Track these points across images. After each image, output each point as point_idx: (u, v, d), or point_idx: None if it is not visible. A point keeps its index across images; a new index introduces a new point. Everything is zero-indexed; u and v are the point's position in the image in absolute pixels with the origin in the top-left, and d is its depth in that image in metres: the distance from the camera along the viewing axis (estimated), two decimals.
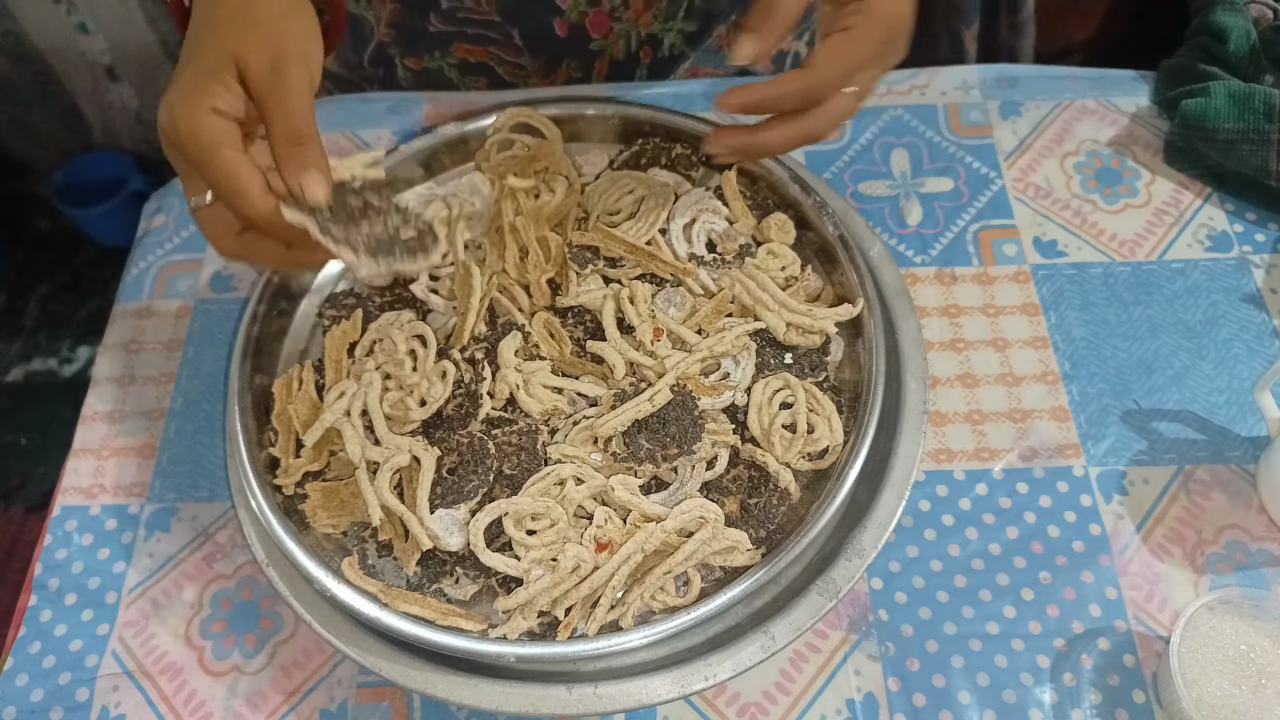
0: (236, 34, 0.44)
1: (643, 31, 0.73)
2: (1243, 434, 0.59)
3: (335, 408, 0.53)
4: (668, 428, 0.51)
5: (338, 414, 0.53)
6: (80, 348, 1.70)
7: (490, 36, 0.72)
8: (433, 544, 0.49)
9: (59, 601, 0.57)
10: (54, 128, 1.70)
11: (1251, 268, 0.65)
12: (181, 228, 0.72)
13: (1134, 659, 0.53)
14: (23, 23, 1.50)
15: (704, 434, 0.51)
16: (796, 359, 0.56)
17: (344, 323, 0.58)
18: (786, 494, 0.52)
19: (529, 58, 0.72)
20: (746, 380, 0.55)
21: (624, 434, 0.51)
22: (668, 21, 0.73)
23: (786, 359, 0.56)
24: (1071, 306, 0.65)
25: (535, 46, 0.72)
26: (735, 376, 0.55)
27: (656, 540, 0.49)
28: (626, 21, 0.72)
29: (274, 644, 0.55)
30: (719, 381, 0.54)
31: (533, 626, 0.48)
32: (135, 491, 0.61)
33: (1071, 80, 0.75)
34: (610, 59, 0.74)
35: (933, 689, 0.52)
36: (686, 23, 0.74)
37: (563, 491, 0.51)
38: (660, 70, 0.78)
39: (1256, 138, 0.64)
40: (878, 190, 0.70)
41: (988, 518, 0.57)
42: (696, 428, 0.51)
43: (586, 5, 0.69)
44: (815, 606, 0.49)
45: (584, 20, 0.71)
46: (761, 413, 0.53)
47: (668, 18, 0.73)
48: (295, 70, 0.43)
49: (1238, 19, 0.69)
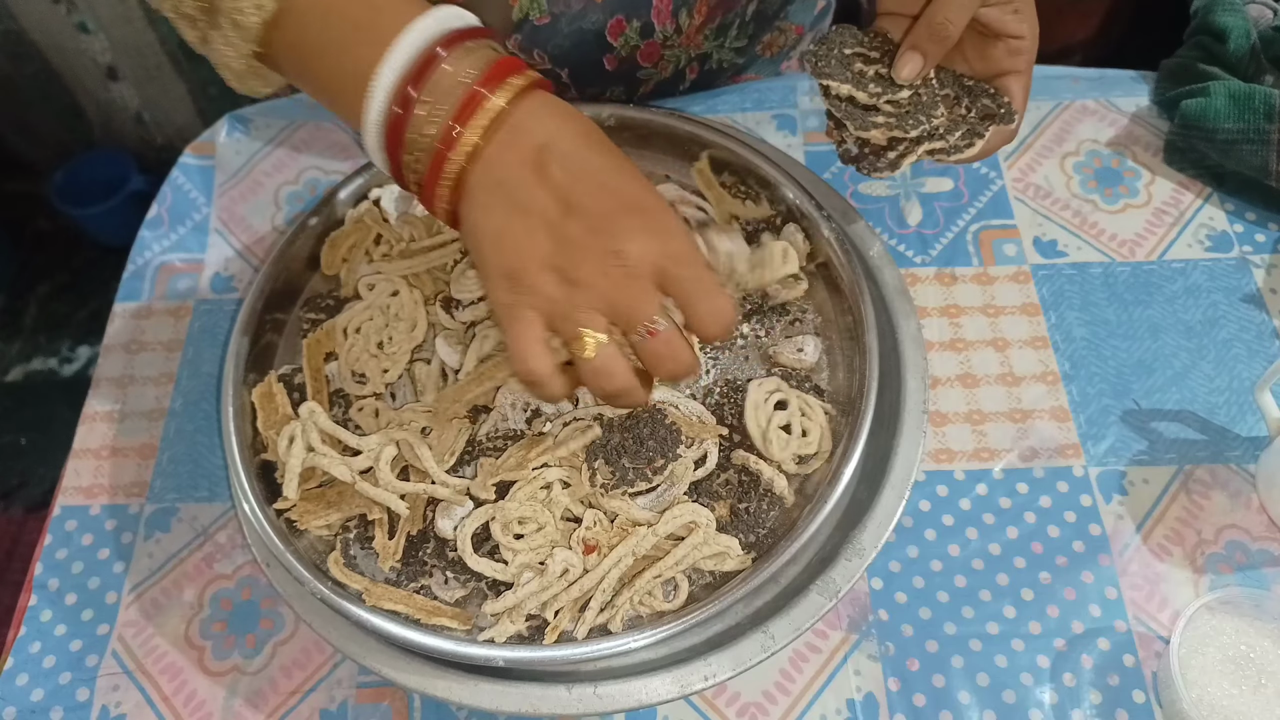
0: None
1: (693, 52, 0.72)
2: (1243, 434, 0.59)
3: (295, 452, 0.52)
4: (645, 445, 0.50)
5: (299, 456, 0.52)
6: (80, 348, 1.69)
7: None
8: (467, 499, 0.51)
9: (59, 601, 0.57)
10: (54, 127, 1.69)
11: (1251, 268, 0.65)
12: (180, 227, 0.72)
13: (1134, 659, 0.53)
14: (23, 22, 1.50)
15: (683, 437, 0.51)
16: (784, 374, 0.56)
17: (318, 330, 0.58)
18: (778, 499, 0.52)
19: (575, 92, 0.71)
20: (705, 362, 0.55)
21: (605, 461, 0.50)
22: (718, 39, 0.72)
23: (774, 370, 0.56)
24: (1071, 306, 0.64)
25: (582, 82, 0.70)
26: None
27: (648, 544, 0.49)
28: (678, 48, 0.70)
29: (274, 644, 0.55)
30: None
31: (521, 630, 0.48)
32: (135, 491, 0.61)
33: (1071, 80, 0.75)
34: (657, 81, 0.73)
35: (933, 689, 0.52)
36: (737, 40, 0.73)
37: (550, 496, 0.51)
38: (705, 83, 0.76)
39: (1256, 138, 0.64)
40: (878, 190, 0.70)
41: (988, 518, 0.57)
42: (673, 435, 0.51)
43: (638, 38, 0.67)
44: (815, 606, 0.49)
45: (635, 54, 0.69)
46: (758, 412, 0.53)
47: (718, 36, 0.72)
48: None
49: (1237, 19, 0.69)
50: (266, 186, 0.73)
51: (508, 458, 0.52)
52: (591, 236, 0.40)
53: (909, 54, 0.51)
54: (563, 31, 0.65)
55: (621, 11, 0.65)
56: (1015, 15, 0.51)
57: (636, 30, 0.66)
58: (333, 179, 0.73)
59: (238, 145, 0.75)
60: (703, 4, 0.67)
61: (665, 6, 0.66)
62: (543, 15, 0.64)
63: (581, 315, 0.41)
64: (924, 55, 0.51)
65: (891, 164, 0.52)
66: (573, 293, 0.41)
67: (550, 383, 0.43)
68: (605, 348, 0.41)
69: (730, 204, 0.62)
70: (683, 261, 0.41)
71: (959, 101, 0.53)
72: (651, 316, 0.41)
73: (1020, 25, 0.51)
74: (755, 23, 0.73)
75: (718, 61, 0.75)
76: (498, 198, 0.41)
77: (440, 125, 0.40)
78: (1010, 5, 0.51)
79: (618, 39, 0.67)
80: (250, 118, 0.76)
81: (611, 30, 0.66)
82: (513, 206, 0.41)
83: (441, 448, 0.52)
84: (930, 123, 0.51)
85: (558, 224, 0.41)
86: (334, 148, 0.75)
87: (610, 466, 0.50)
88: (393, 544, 0.51)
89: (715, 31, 0.71)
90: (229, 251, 0.71)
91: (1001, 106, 0.53)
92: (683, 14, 0.67)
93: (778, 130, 0.73)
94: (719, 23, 0.70)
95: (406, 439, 0.51)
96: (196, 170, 0.74)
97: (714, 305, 0.42)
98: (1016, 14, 0.51)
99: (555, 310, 0.41)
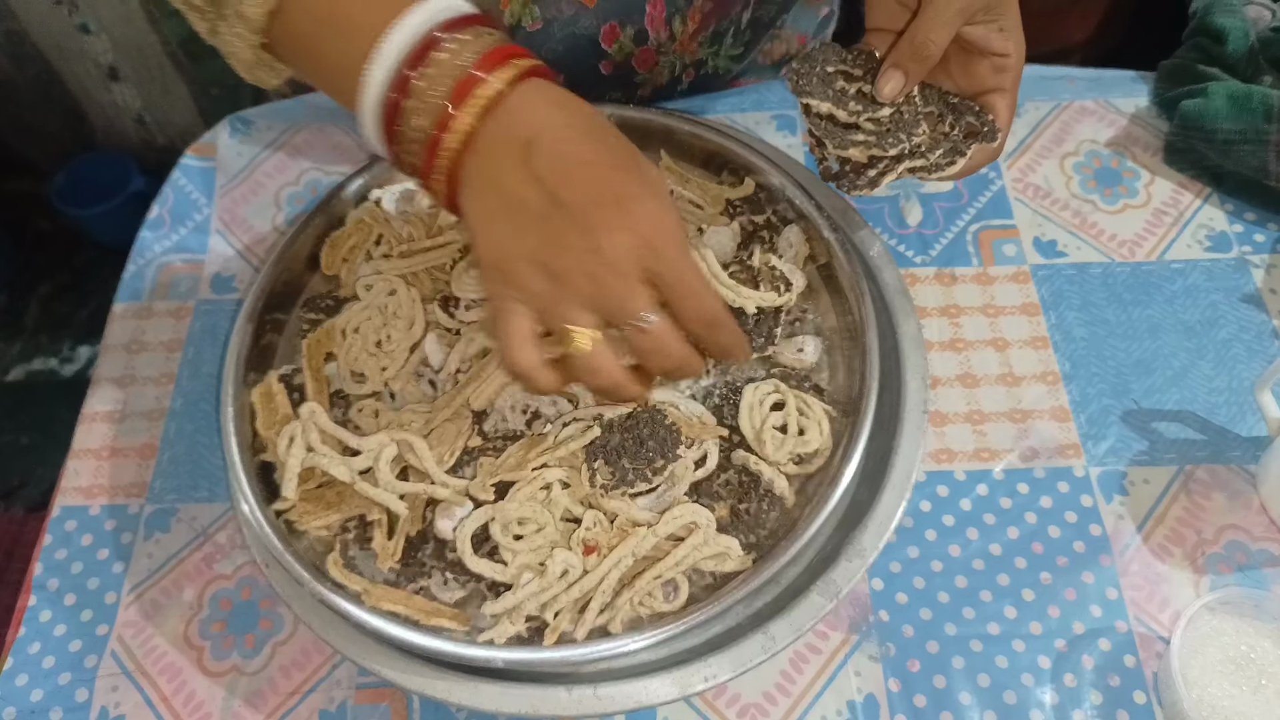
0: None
1: (688, 59, 0.72)
2: (1243, 434, 0.59)
3: (294, 453, 0.52)
4: (645, 446, 0.50)
5: (299, 456, 0.52)
6: (80, 348, 1.70)
7: None
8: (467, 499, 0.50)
9: (59, 601, 0.57)
10: (55, 128, 1.70)
11: (1251, 268, 0.65)
12: (181, 228, 0.72)
13: (1134, 659, 0.52)
14: (24, 23, 1.50)
15: (682, 438, 0.51)
16: (784, 374, 0.56)
17: (318, 330, 0.58)
18: (778, 499, 0.52)
19: None
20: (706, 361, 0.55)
21: (605, 462, 0.50)
22: (714, 46, 0.72)
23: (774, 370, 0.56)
24: (1071, 306, 0.65)
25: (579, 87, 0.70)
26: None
27: (648, 545, 0.49)
28: (672, 54, 0.70)
29: (273, 644, 0.55)
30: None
31: (520, 631, 0.48)
32: (135, 492, 0.61)
33: (1070, 81, 0.75)
34: (653, 86, 0.73)
35: (933, 690, 0.52)
36: (733, 48, 0.73)
37: (549, 496, 0.51)
38: (701, 88, 0.76)
39: (1255, 138, 0.64)
40: (877, 190, 0.70)
41: (988, 518, 0.57)
42: (673, 436, 0.51)
43: (633, 44, 0.68)
44: (815, 607, 0.49)
45: (630, 59, 0.69)
46: (753, 413, 0.53)
47: (713, 43, 0.72)
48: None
49: (1236, 20, 0.69)
50: (267, 188, 0.73)
51: (507, 458, 0.52)
52: (573, 231, 0.40)
53: (890, 72, 0.51)
54: (555, 37, 0.65)
55: (615, 18, 0.65)
56: (1000, 33, 0.50)
57: (631, 37, 0.67)
58: (333, 180, 0.73)
59: (239, 147, 0.75)
60: (696, 11, 0.67)
61: (658, 14, 0.66)
62: (535, 21, 0.64)
63: (566, 310, 0.41)
64: (905, 73, 0.51)
65: (871, 181, 0.51)
66: (557, 288, 0.41)
67: (537, 376, 0.43)
68: (592, 344, 0.41)
69: (715, 190, 0.62)
70: (663, 257, 0.41)
71: (943, 119, 0.53)
72: (637, 313, 0.41)
73: (1005, 43, 0.51)
74: (751, 30, 0.73)
75: (713, 68, 0.74)
76: (490, 189, 0.41)
77: (436, 107, 0.40)
78: (996, 23, 0.50)
79: (612, 45, 0.67)
80: (252, 119, 0.76)
81: (605, 36, 0.66)
82: (503, 199, 0.41)
83: (442, 448, 0.52)
84: (911, 141, 0.51)
85: (544, 218, 0.40)
86: (335, 150, 0.75)
87: (610, 467, 0.50)
88: (392, 545, 0.51)
89: (710, 38, 0.71)
90: (230, 252, 0.71)
91: (985, 124, 0.52)
92: (676, 21, 0.67)
93: (778, 131, 0.73)
94: (713, 30, 0.70)
95: (406, 439, 0.51)
96: (198, 171, 0.74)
97: (700, 305, 0.42)
98: (1002, 32, 0.50)
99: (542, 305, 0.41)
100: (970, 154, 0.51)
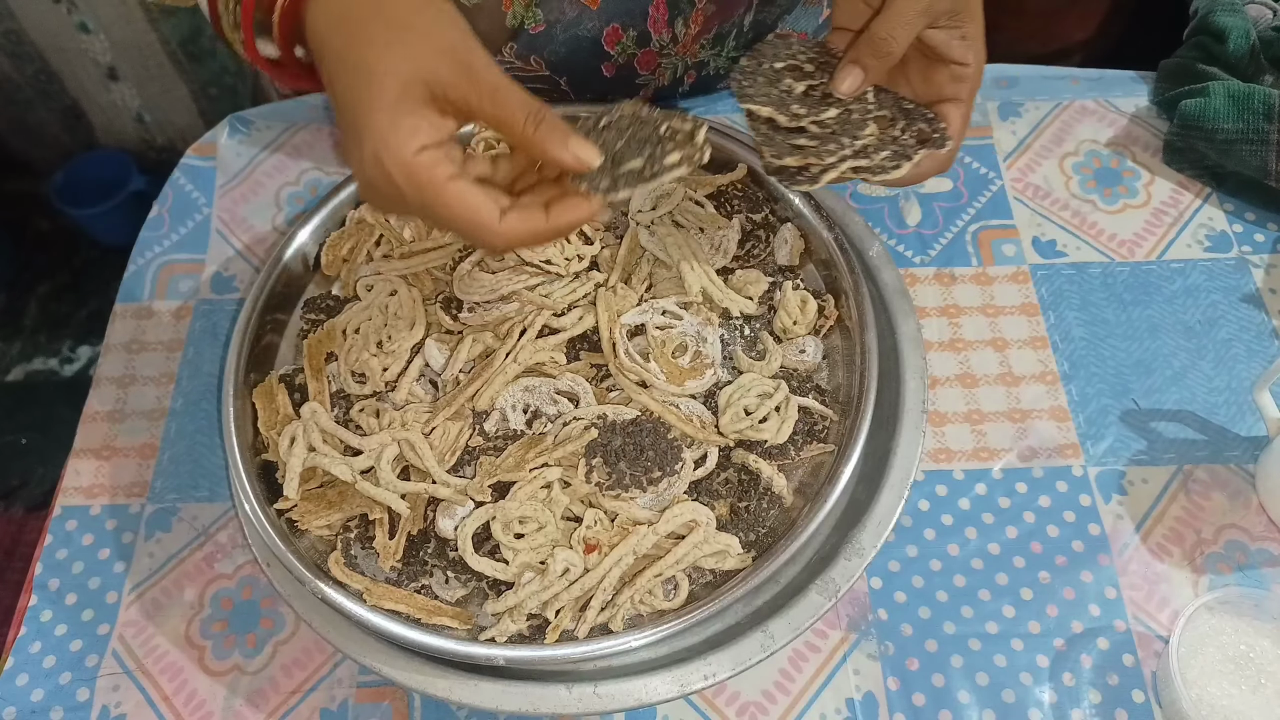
0: (397, 49, 0.41)
1: (690, 60, 0.72)
2: (1242, 434, 0.59)
3: (296, 452, 0.52)
4: (645, 454, 0.51)
5: (300, 456, 0.52)
6: (80, 348, 1.69)
7: (537, 88, 0.72)
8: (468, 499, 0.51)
9: (59, 601, 0.57)
10: (54, 127, 1.70)
11: (1250, 268, 0.65)
12: (181, 227, 0.72)
13: (1133, 659, 0.53)
14: (23, 22, 1.50)
15: (683, 454, 0.51)
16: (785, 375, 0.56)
17: (320, 330, 0.58)
18: (777, 498, 0.52)
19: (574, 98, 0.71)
20: (719, 355, 0.55)
21: (604, 461, 0.51)
22: (716, 48, 0.72)
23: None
24: (1070, 306, 0.65)
25: (581, 89, 0.71)
26: (706, 352, 0.55)
27: (649, 543, 0.49)
28: (675, 56, 0.71)
29: (274, 643, 0.55)
30: (694, 361, 0.54)
31: (522, 629, 0.49)
32: (135, 491, 0.61)
33: (1070, 80, 0.75)
34: (655, 87, 0.73)
35: (932, 688, 0.52)
36: (735, 50, 0.73)
37: (550, 495, 0.51)
38: (703, 89, 0.76)
39: (1256, 138, 0.64)
40: (877, 190, 0.70)
41: (987, 517, 0.57)
42: (674, 450, 0.51)
43: (635, 46, 0.68)
44: (814, 606, 0.49)
45: (632, 61, 0.69)
46: (738, 389, 0.54)
47: (715, 45, 0.72)
48: (480, 57, 0.41)
49: (1237, 19, 0.69)
50: (267, 187, 0.73)
51: (506, 457, 0.52)
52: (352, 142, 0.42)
53: (849, 67, 0.50)
54: (558, 39, 0.65)
55: (617, 20, 0.65)
56: (962, 41, 0.50)
57: (633, 39, 0.67)
58: (333, 180, 0.73)
59: (239, 147, 0.75)
60: (699, 14, 0.67)
61: (661, 16, 0.66)
62: (537, 24, 0.64)
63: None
64: (865, 70, 0.50)
65: (812, 178, 0.50)
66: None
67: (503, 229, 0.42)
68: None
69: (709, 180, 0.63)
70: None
71: (894, 123, 0.51)
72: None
73: (966, 52, 0.50)
74: (754, 32, 0.73)
75: (715, 69, 0.75)
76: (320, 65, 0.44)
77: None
78: (958, 30, 0.49)
79: (614, 47, 0.67)
80: (252, 119, 0.76)
81: (608, 38, 0.66)
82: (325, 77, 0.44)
83: (442, 447, 0.52)
84: (855, 143, 0.49)
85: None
86: (335, 150, 0.75)
87: (608, 467, 0.50)
88: (393, 544, 0.51)
89: (712, 41, 0.71)
90: (230, 252, 0.71)
91: (937, 131, 0.51)
92: (679, 23, 0.67)
93: None
94: (715, 32, 0.71)
95: (408, 439, 0.52)
96: (198, 171, 0.74)
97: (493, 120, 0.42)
98: (964, 40, 0.50)
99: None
100: (918, 159, 0.50)
